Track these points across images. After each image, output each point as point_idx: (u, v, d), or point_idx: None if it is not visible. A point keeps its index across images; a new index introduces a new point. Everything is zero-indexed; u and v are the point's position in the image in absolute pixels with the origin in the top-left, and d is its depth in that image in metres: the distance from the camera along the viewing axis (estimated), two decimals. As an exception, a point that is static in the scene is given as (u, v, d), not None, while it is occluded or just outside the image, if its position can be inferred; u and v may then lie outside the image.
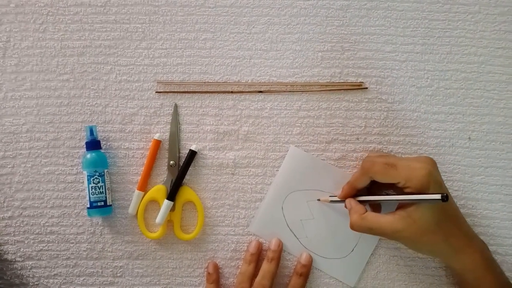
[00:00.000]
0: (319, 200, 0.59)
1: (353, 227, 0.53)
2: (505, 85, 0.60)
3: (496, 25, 0.60)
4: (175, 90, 0.61)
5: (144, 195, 0.60)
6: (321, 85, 0.60)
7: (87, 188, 0.58)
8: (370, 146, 0.60)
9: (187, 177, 0.60)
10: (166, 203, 0.59)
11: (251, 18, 0.61)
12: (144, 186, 0.60)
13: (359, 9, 0.61)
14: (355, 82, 0.60)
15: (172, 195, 0.59)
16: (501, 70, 0.60)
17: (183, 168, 0.59)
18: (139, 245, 0.60)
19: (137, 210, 0.59)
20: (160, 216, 0.58)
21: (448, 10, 0.61)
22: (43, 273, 0.60)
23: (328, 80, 0.60)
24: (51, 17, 0.61)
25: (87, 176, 0.58)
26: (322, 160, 0.59)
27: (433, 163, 0.51)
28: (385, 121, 0.60)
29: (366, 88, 0.60)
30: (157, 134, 0.60)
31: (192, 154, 0.59)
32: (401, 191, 0.52)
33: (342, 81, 0.60)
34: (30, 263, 0.60)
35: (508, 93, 0.60)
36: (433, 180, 0.50)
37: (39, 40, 0.61)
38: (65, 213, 0.60)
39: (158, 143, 0.60)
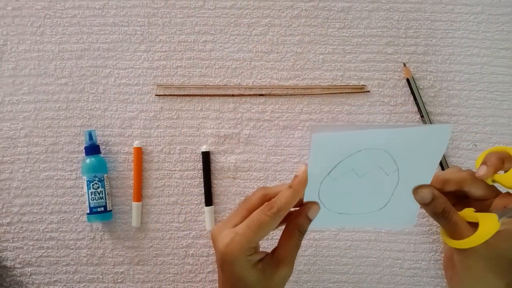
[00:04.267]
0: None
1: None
2: (508, 86, 0.60)
3: (499, 26, 0.60)
4: (175, 93, 0.60)
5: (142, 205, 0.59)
6: (323, 88, 0.60)
7: (87, 194, 0.58)
8: (373, 149, 0.59)
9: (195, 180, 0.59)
10: None
11: (252, 20, 0.60)
12: (140, 196, 0.59)
13: (361, 11, 0.60)
14: (357, 85, 0.60)
15: None
16: (504, 71, 0.60)
17: (205, 173, 0.59)
18: (140, 250, 0.60)
19: None
20: None
21: (450, 11, 0.60)
22: (42, 279, 0.60)
23: (329, 83, 0.60)
24: (48, 20, 0.60)
25: (87, 181, 0.58)
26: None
27: None
28: (388, 124, 0.60)
29: (368, 91, 0.59)
30: (137, 141, 0.59)
31: (206, 156, 0.59)
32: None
33: (344, 84, 0.60)
34: (30, 269, 0.60)
35: (511, 94, 0.59)
36: None
37: (37, 44, 0.60)
38: (64, 219, 0.60)
39: (139, 151, 0.59)
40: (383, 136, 0.40)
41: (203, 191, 0.59)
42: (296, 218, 0.45)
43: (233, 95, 0.60)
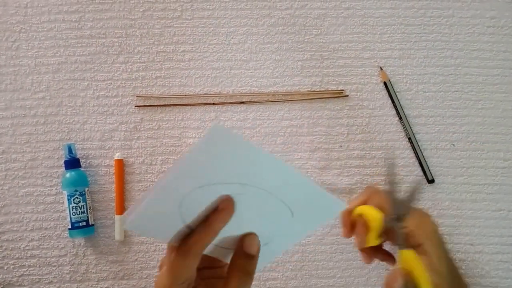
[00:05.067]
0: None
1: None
2: (482, 86, 0.61)
3: (469, 28, 0.62)
4: (155, 104, 0.60)
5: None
6: (302, 94, 0.60)
7: (68, 208, 0.57)
8: (354, 153, 0.60)
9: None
10: None
11: (230, 29, 0.60)
12: (122, 209, 0.58)
13: (336, 17, 0.61)
14: (335, 90, 0.60)
15: None
16: (477, 71, 0.61)
17: None
18: (124, 264, 0.59)
19: None
20: None
21: (423, 15, 0.61)
22: (24, 299, 0.58)
23: (309, 89, 0.60)
24: (24, 34, 0.59)
25: (67, 196, 0.57)
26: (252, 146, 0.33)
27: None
28: (367, 127, 0.60)
29: (347, 95, 0.60)
30: (117, 154, 0.59)
31: None
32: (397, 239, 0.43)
33: (323, 89, 0.60)
34: (11, 289, 0.58)
35: (485, 94, 0.61)
36: (438, 237, 0.44)
37: (12, 58, 0.59)
38: (45, 236, 0.58)
39: (121, 163, 0.59)
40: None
41: (187, 201, 0.59)
42: (234, 259, 0.37)
43: (214, 104, 0.60)
